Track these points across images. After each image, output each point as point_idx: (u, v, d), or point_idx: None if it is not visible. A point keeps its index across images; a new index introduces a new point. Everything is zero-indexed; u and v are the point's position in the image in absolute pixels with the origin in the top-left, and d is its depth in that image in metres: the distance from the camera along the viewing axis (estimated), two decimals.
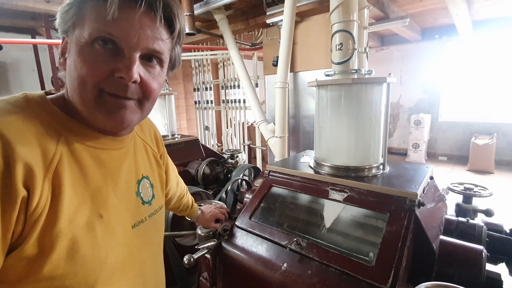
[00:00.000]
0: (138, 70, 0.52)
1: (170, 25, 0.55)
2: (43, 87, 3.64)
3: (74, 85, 0.51)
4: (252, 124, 4.67)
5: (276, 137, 2.34)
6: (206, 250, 0.98)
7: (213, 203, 1.23)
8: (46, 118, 0.50)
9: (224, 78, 4.44)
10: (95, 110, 0.52)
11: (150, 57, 0.55)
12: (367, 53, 1.20)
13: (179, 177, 1.02)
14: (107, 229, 0.54)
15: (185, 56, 4.02)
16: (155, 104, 0.61)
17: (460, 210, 1.20)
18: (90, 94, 0.50)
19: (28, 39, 3.54)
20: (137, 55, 0.51)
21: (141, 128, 0.77)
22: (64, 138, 0.51)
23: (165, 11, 0.52)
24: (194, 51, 4.15)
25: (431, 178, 1.08)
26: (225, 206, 1.22)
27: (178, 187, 0.99)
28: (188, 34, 2.44)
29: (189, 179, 2.09)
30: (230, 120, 4.54)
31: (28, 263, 0.45)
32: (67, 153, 0.51)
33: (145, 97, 0.56)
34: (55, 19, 0.53)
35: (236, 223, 1.06)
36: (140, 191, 0.66)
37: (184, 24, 0.59)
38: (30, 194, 0.44)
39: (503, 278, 0.81)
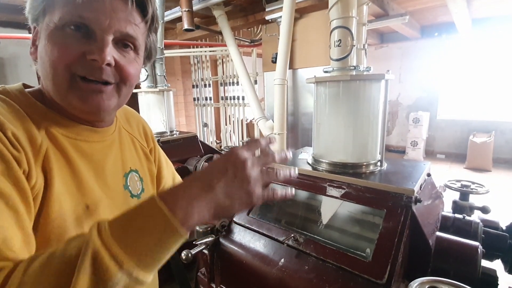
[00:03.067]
0: (111, 53, 0.50)
1: (142, 9, 0.54)
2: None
3: (46, 70, 0.50)
4: (251, 121, 4.67)
5: (275, 134, 2.35)
6: (204, 246, 0.99)
7: None
8: (26, 110, 0.50)
9: (223, 74, 4.43)
10: (68, 95, 0.51)
11: (124, 44, 0.53)
12: (365, 50, 1.20)
13: (176, 173, 1.01)
14: (94, 220, 0.53)
15: (184, 52, 4.01)
16: (154, 100, 0.61)
17: (457, 207, 1.21)
18: (62, 77, 0.49)
19: (25, 34, 3.52)
20: (110, 38, 0.50)
21: (128, 122, 0.76)
22: (45, 129, 0.51)
23: None
24: (193, 47, 4.13)
25: (428, 175, 1.09)
26: None
27: (175, 183, 0.98)
28: (187, 30, 2.43)
29: (187, 175, 2.09)
30: (229, 117, 4.54)
31: None
32: (50, 144, 0.51)
33: (122, 81, 0.54)
34: (25, 8, 0.51)
35: (234, 219, 1.06)
36: (129, 184, 0.66)
37: (156, 8, 0.58)
38: (28, 172, 0.45)
39: (498, 274, 0.82)
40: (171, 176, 0.94)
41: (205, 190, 0.42)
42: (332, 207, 0.98)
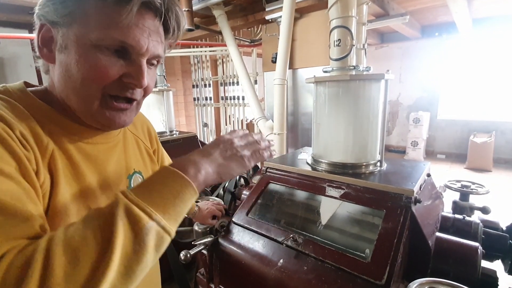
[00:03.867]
0: (147, 76, 0.53)
1: (165, 24, 0.55)
2: (40, 82, 3.62)
3: (76, 86, 0.50)
4: (251, 121, 4.66)
5: (275, 134, 2.34)
6: (203, 246, 0.98)
7: (210, 200, 1.23)
8: (29, 110, 0.49)
9: (223, 74, 4.42)
10: (97, 113, 0.52)
11: (151, 62, 0.55)
12: (365, 50, 1.19)
13: None
14: None
15: (184, 52, 4.00)
16: (153, 100, 0.63)
17: (457, 207, 1.21)
18: (93, 97, 0.50)
19: (25, 34, 3.51)
20: (145, 61, 0.52)
21: (133, 123, 0.75)
22: (48, 131, 0.50)
23: (166, 15, 0.52)
24: (193, 47, 4.12)
25: (428, 175, 1.08)
26: (222, 203, 1.22)
27: None
28: (186, 30, 2.43)
29: None
30: (229, 117, 4.53)
31: None
32: (55, 145, 0.50)
33: (143, 96, 0.58)
34: (40, 6, 0.50)
35: (233, 219, 1.06)
36: (132, 186, 0.65)
37: (184, 24, 0.60)
38: (37, 171, 0.45)
39: (498, 275, 0.82)
40: None
41: (205, 155, 0.53)
42: (331, 207, 0.98)
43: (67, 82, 0.51)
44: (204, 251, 1.02)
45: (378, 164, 1.09)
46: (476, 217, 1.08)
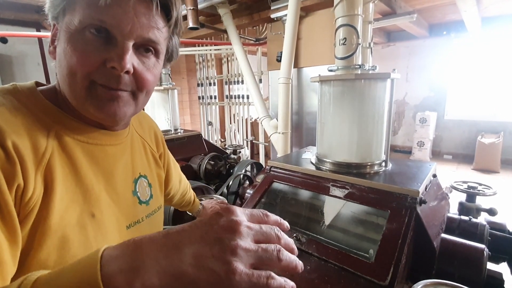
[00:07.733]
0: (131, 60, 0.49)
1: (166, 13, 0.52)
2: (48, 81, 3.67)
3: (64, 75, 0.49)
4: (255, 120, 4.66)
5: (279, 133, 2.34)
6: None
7: (214, 198, 1.24)
8: (35, 111, 0.48)
9: (228, 73, 4.43)
10: (85, 102, 0.49)
11: (145, 48, 0.52)
12: (371, 48, 1.18)
13: (182, 174, 1.01)
14: (100, 229, 0.52)
15: (189, 50, 4.01)
16: (158, 98, 0.59)
17: (463, 208, 1.19)
18: (80, 85, 0.48)
19: (33, 32, 3.56)
20: (131, 43, 0.48)
21: (141, 126, 0.75)
22: (55, 133, 0.49)
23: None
24: (198, 45, 4.14)
25: (434, 176, 1.07)
26: (226, 201, 1.22)
27: (181, 184, 0.97)
28: (191, 28, 2.43)
29: (191, 174, 2.10)
30: (234, 116, 4.54)
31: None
32: (58, 148, 0.49)
33: (139, 89, 0.53)
34: (45, 4, 0.50)
35: None
36: (137, 190, 0.64)
37: (181, 12, 0.56)
38: (24, 185, 0.43)
39: (504, 277, 0.81)
40: (177, 178, 0.94)
41: (167, 249, 0.31)
42: (335, 207, 0.97)
43: (59, 74, 0.50)
44: None
45: (383, 164, 1.08)
46: (482, 218, 1.06)
